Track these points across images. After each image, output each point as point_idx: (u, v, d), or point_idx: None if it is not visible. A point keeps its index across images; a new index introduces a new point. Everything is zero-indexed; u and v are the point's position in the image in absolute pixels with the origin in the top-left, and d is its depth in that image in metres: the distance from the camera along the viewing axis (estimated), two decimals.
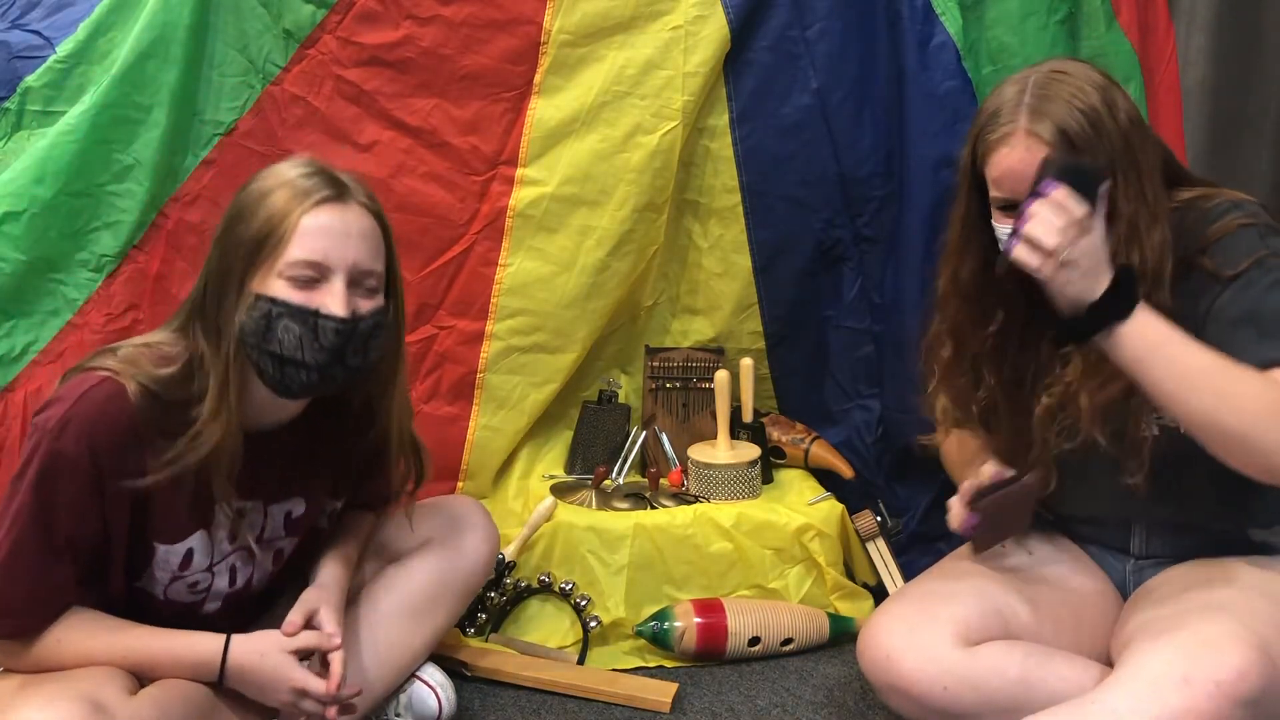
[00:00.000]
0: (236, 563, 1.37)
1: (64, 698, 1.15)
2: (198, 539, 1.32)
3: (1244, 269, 1.31)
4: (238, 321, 1.23)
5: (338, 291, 1.22)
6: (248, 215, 1.24)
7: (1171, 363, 1.25)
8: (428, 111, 1.89)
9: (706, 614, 1.77)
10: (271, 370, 1.24)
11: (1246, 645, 1.20)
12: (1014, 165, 1.34)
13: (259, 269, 1.22)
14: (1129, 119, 1.35)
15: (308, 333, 1.22)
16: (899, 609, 1.50)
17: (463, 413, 1.99)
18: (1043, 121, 1.33)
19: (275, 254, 1.22)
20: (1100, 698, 1.23)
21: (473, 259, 1.95)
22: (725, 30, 1.90)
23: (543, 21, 1.88)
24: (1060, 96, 1.34)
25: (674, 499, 1.92)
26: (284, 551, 1.43)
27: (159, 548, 1.30)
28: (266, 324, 1.22)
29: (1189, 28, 2.06)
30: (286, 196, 1.23)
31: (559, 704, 1.67)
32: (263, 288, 1.22)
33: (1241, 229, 1.34)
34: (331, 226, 1.23)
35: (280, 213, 1.22)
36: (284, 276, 1.22)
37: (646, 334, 2.09)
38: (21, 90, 1.75)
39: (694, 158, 1.98)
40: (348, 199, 1.26)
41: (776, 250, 2.01)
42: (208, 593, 1.36)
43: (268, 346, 1.22)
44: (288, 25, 1.82)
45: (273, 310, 1.21)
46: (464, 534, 1.56)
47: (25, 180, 1.67)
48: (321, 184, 1.25)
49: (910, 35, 1.93)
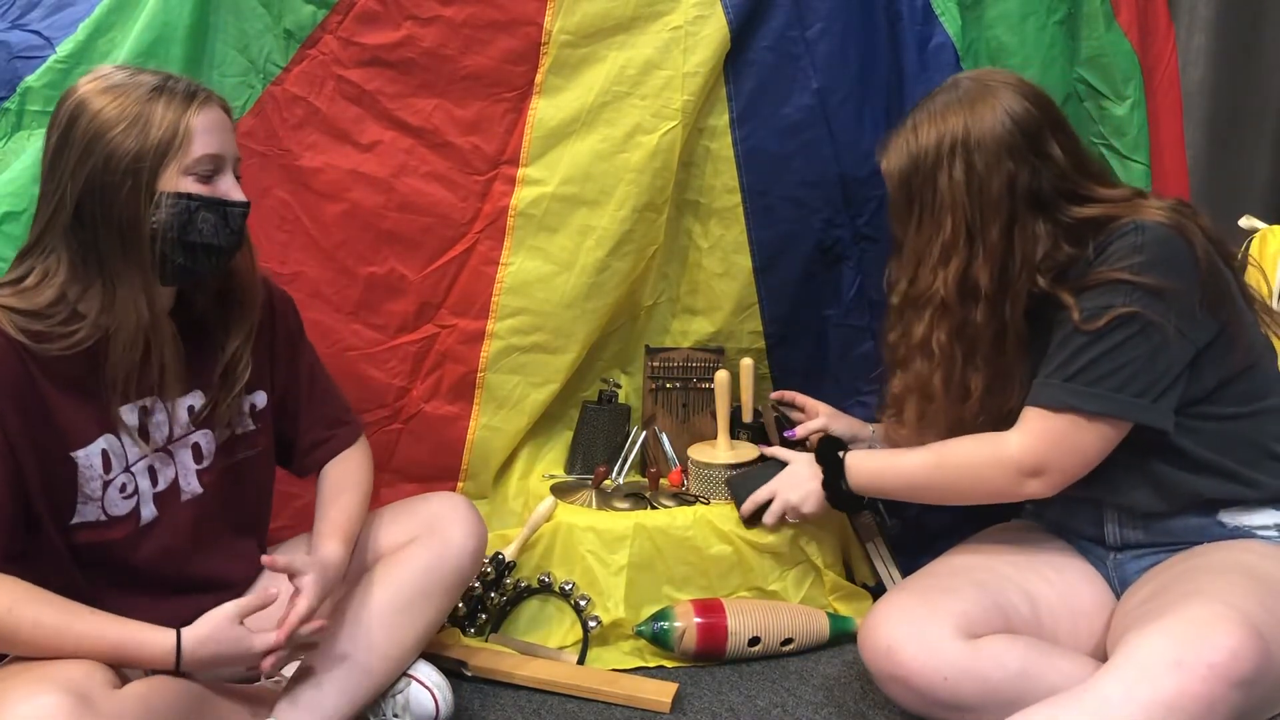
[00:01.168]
0: (155, 463, 1.41)
1: (48, 689, 1.15)
2: (108, 440, 1.36)
3: (1100, 326, 1.40)
4: (152, 221, 1.30)
5: (232, 181, 1.37)
6: (127, 126, 1.29)
7: (897, 481, 1.63)
8: (429, 112, 1.89)
9: (706, 614, 1.77)
10: (184, 259, 1.34)
11: (1237, 626, 1.20)
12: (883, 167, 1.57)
13: (164, 171, 1.30)
14: (964, 167, 1.46)
15: (219, 220, 1.35)
16: (900, 601, 1.52)
17: (463, 412, 1.99)
18: (885, 153, 1.56)
19: (180, 154, 1.31)
20: (1094, 685, 1.24)
21: (474, 258, 1.95)
22: (725, 30, 1.90)
23: (543, 22, 1.88)
24: (905, 130, 1.53)
25: (674, 499, 1.92)
26: (202, 448, 1.46)
27: (79, 456, 1.33)
28: (187, 217, 1.32)
29: (1189, 28, 2.07)
30: (172, 102, 1.31)
31: (559, 704, 1.67)
32: (172, 186, 1.31)
33: (1113, 284, 1.40)
34: (217, 123, 1.35)
35: (175, 117, 1.31)
36: (190, 174, 1.32)
37: (647, 334, 2.09)
38: (21, 90, 1.74)
39: (694, 158, 1.98)
40: (213, 98, 1.38)
41: (777, 250, 2.01)
42: (138, 495, 1.39)
43: (187, 238, 1.33)
44: (288, 25, 1.82)
45: (190, 205, 1.32)
46: (449, 527, 1.56)
47: (25, 180, 1.66)
48: (190, 86, 1.35)
49: (910, 35, 1.93)
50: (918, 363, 1.56)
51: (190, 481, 1.45)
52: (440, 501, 1.63)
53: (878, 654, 1.47)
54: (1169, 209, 1.44)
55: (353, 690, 1.43)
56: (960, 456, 1.54)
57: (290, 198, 1.86)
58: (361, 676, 1.45)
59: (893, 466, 1.62)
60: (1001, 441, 1.49)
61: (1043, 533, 1.65)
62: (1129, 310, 1.38)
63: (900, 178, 1.53)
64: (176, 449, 1.44)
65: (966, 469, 1.53)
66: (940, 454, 1.56)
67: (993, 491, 1.53)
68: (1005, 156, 1.45)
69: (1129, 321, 1.39)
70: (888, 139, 1.57)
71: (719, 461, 1.91)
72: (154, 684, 1.27)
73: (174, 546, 1.43)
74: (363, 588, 1.50)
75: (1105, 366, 1.40)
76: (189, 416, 1.44)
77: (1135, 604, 1.41)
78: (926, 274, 1.51)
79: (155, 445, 1.41)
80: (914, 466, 1.58)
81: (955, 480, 1.54)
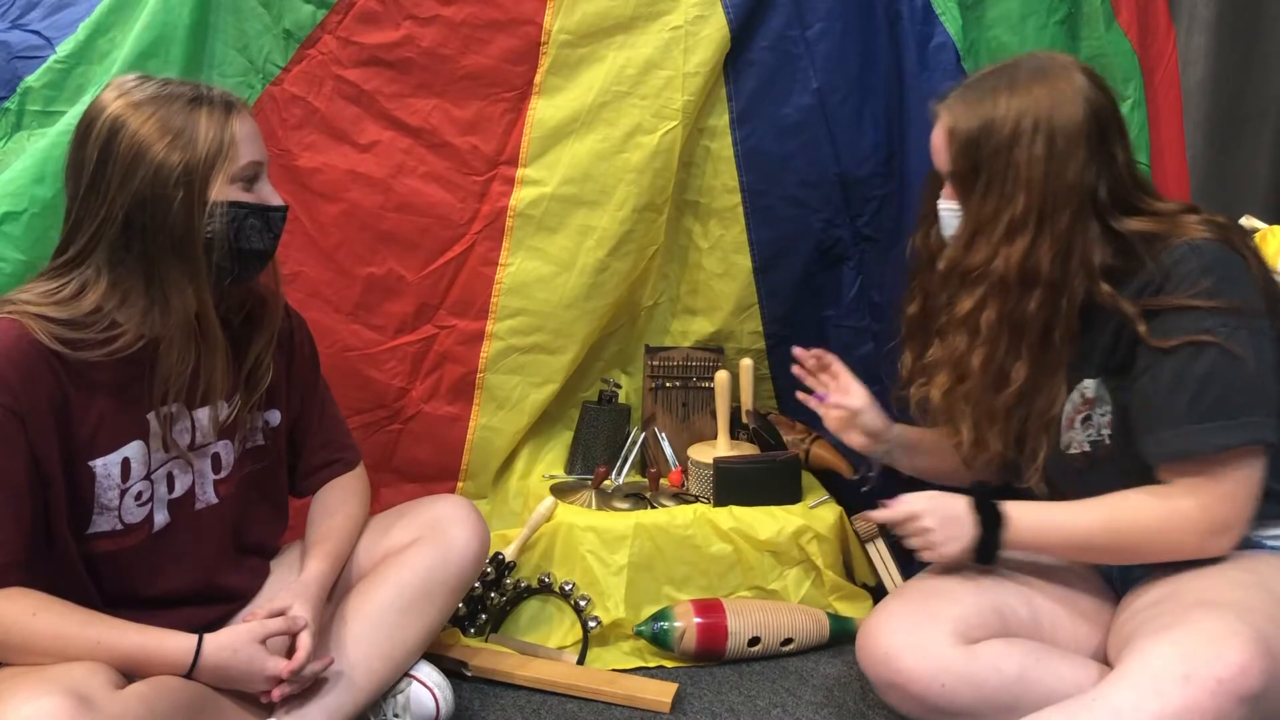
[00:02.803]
0: (175, 469, 1.42)
1: (49, 691, 1.15)
2: (134, 448, 1.37)
3: (1200, 359, 1.35)
4: (206, 231, 1.32)
5: (269, 185, 1.39)
6: (174, 139, 1.30)
7: (1063, 540, 1.47)
8: (428, 111, 1.89)
9: (706, 614, 1.77)
10: (233, 265, 1.36)
11: (1247, 641, 1.20)
12: (934, 140, 1.49)
13: (214, 181, 1.32)
14: (1045, 145, 1.40)
15: (264, 225, 1.38)
16: (898, 607, 1.51)
17: (463, 413, 1.99)
18: (951, 110, 1.46)
19: (228, 164, 1.33)
20: (1102, 695, 1.23)
21: (473, 259, 1.95)
22: (725, 30, 1.90)
23: (543, 22, 1.88)
24: (979, 91, 1.44)
25: (674, 499, 1.92)
26: (221, 459, 1.47)
27: (97, 465, 1.33)
28: (239, 225, 1.35)
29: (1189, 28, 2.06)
30: (214, 113, 1.33)
31: (559, 704, 1.67)
32: (223, 196, 1.33)
33: (1191, 311, 1.35)
34: (254, 130, 1.38)
35: (219, 128, 1.33)
36: (236, 181, 1.34)
37: (647, 334, 2.09)
38: (21, 90, 1.74)
39: (694, 158, 1.98)
40: (245, 105, 1.39)
41: (776, 250, 2.01)
42: (152, 501, 1.40)
43: (239, 244, 1.35)
44: (288, 25, 1.82)
45: (240, 212, 1.35)
46: (451, 529, 1.56)
47: (25, 180, 1.66)
48: (225, 95, 1.37)
49: (910, 35, 1.93)
50: (958, 338, 1.50)
51: (207, 491, 1.46)
52: (444, 504, 1.63)
53: (875, 661, 1.47)
54: (1214, 225, 1.41)
55: (353, 690, 1.43)
56: (1133, 517, 1.42)
57: (289, 198, 1.84)
58: (362, 676, 1.45)
59: (1057, 525, 1.47)
60: (1171, 499, 1.39)
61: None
62: (1217, 335, 1.34)
63: (966, 139, 1.44)
64: (196, 457, 1.44)
65: (1144, 531, 1.41)
66: (1110, 513, 1.44)
67: (1176, 552, 1.42)
68: (1082, 145, 1.40)
69: (1223, 346, 1.34)
70: (953, 94, 1.48)
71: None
72: (157, 684, 1.27)
73: (185, 554, 1.44)
74: (365, 588, 1.50)
75: (1229, 394, 1.35)
76: (211, 425, 1.45)
77: (1143, 605, 1.40)
78: (986, 247, 1.44)
79: (175, 453, 1.42)
80: (1082, 526, 1.45)
81: (1132, 542, 1.43)
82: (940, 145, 1.48)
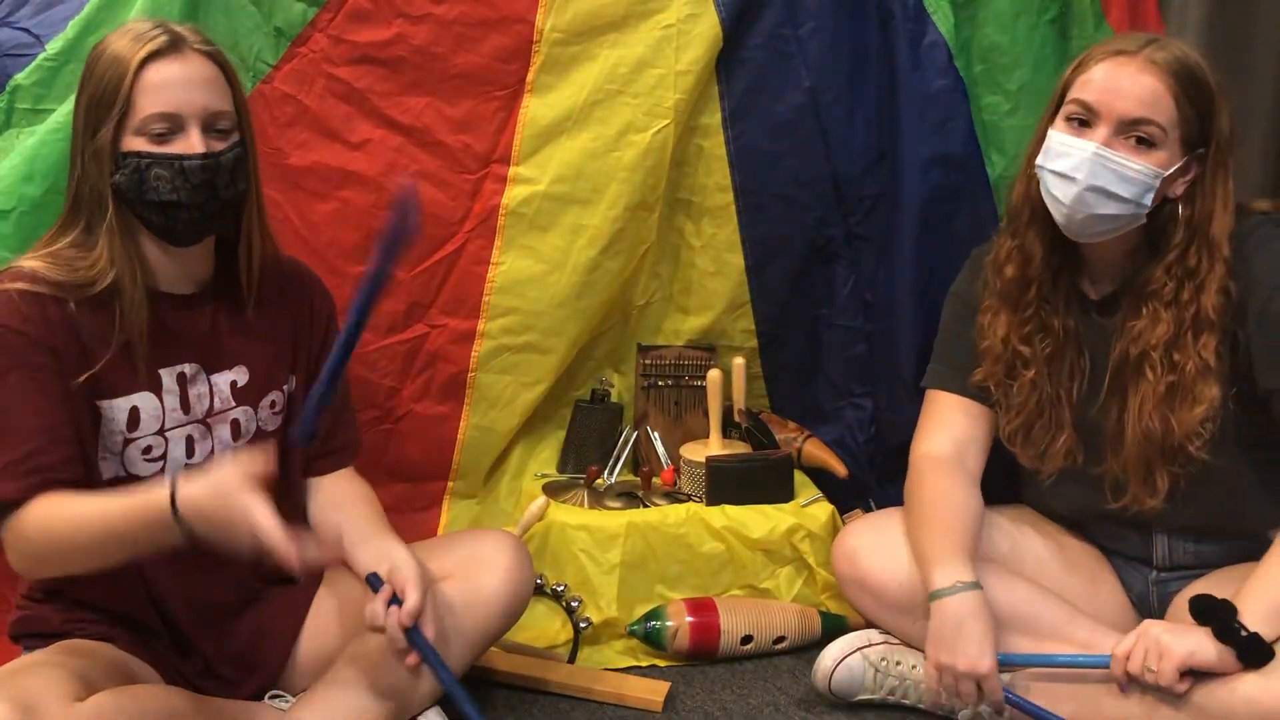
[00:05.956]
0: (194, 434, 1.41)
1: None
2: (143, 398, 1.37)
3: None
4: (114, 183, 1.31)
5: (194, 139, 1.32)
6: (88, 80, 1.32)
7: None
8: (420, 110, 1.88)
9: (699, 613, 1.77)
10: (156, 219, 1.33)
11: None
12: (1119, 79, 1.40)
13: (124, 132, 1.30)
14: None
15: (176, 175, 1.31)
16: (873, 517, 1.66)
17: (453, 412, 1.99)
18: (1163, 53, 1.41)
19: (129, 113, 1.30)
20: None
21: (465, 258, 1.94)
22: (717, 28, 1.90)
23: (535, 20, 1.88)
24: (1180, 50, 1.43)
25: (666, 498, 1.91)
26: (241, 425, 1.46)
27: (103, 406, 1.34)
28: (139, 176, 1.31)
29: (1180, 27, 2.06)
30: (121, 61, 1.30)
31: (550, 704, 1.66)
32: (128, 146, 1.31)
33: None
34: (174, 78, 1.31)
35: (119, 72, 1.30)
36: (143, 133, 1.30)
37: (639, 333, 2.09)
38: (11, 88, 1.73)
39: (686, 156, 1.98)
40: (184, 49, 1.33)
41: (769, 249, 2.01)
42: (164, 460, 1.39)
43: (145, 196, 1.31)
44: (278, 23, 1.82)
45: (140, 162, 1.31)
46: (482, 573, 1.49)
47: (14, 178, 1.65)
48: (152, 38, 1.31)
49: (902, 34, 1.93)
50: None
51: (226, 458, 1.40)
52: (485, 543, 1.56)
53: (842, 559, 1.61)
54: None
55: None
56: None
57: (280, 196, 1.85)
58: (364, 711, 1.40)
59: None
60: None
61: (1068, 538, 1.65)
62: None
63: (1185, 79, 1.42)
64: (215, 423, 1.43)
65: None
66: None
67: None
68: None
69: None
70: (1146, 42, 1.44)
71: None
72: (124, 694, 1.22)
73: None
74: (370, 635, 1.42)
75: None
76: (231, 390, 1.44)
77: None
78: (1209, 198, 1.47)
79: (195, 416, 1.41)
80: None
81: None
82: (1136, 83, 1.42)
